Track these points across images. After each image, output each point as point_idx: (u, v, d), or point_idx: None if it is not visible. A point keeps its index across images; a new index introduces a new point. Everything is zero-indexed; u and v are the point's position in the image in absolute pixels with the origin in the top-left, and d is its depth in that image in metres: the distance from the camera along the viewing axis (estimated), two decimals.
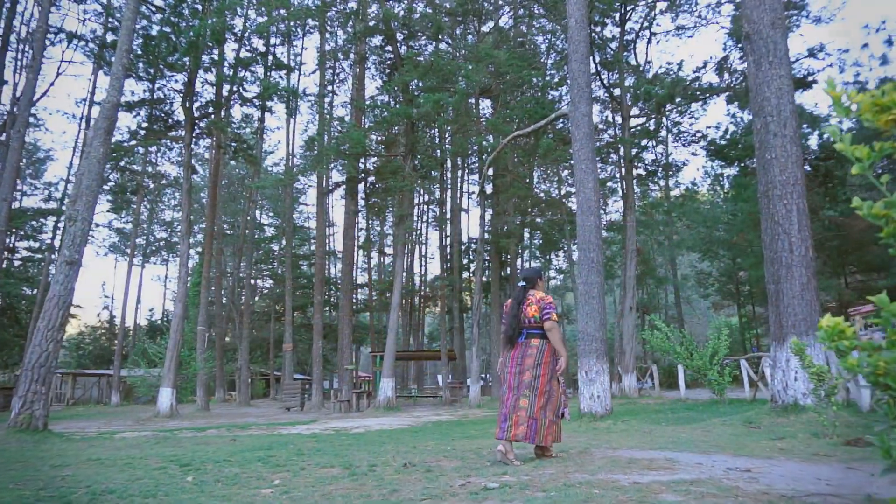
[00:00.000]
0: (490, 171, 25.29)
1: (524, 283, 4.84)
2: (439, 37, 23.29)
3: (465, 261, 34.34)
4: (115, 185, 29.87)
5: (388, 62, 25.74)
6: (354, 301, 38.58)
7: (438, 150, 27.47)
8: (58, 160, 46.16)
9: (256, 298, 47.22)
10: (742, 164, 28.73)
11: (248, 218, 33.82)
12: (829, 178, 26.82)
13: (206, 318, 26.24)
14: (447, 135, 27.81)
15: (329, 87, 28.15)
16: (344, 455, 5.69)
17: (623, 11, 22.72)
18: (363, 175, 24.68)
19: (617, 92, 23.71)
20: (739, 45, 22.61)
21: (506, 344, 4.75)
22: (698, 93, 23.71)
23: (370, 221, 40.53)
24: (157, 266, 54.52)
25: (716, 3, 23.94)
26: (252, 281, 42.45)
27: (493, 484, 3.27)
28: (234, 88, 22.75)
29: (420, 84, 21.75)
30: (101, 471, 5.14)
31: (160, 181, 41.72)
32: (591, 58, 14.29)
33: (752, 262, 27.59)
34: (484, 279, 27.59)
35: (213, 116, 22.41)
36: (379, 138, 26.30)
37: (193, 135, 21.79)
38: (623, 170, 23.89)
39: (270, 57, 25.10)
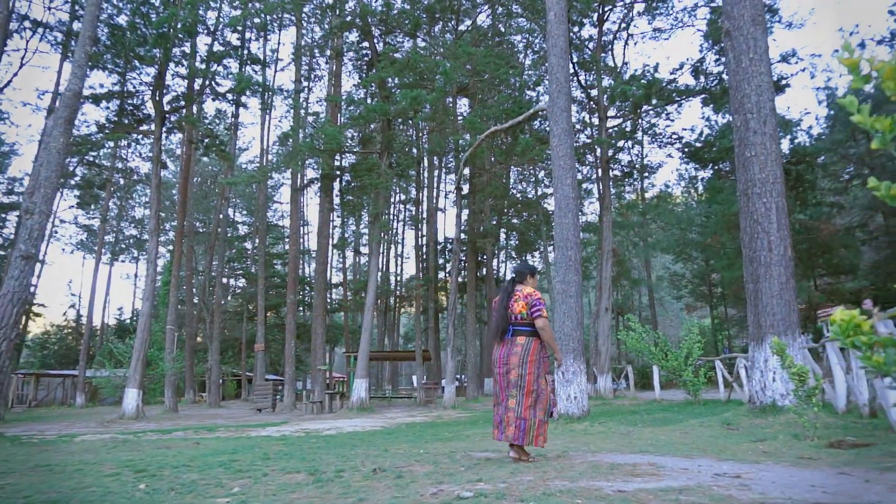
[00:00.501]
0: (466, 171, 25.11)
1: (513, 277, 4.72)
2: (416, 34, 23.04)
3: (440, 260, 34.14)
4: (82, 180, 28.99)
5: (366, 58, 25.41)
6: (329, 301, 38.09)
7: (415, 149, 27.21)
8: (23, 155, 44.57)
9: (229, 298, 46.40)
10: (716, 167, 29.07)
11: (221, 216, 33.11)
12: (799, 182, 27.23)
13: (176, 318, 25.60)
14: (423, 133, 27.59)
15: (305, 84, 27.74)
16: (311, 459, 5.42)
17: (601, 12, 22.74)
18: (338, 172, 24.29)
19: (594, 93, 23.72)
20: (715, 48, 22.79)
21: (493, 338, 4.65)
22: (674, 94, 23.84)
23: (345, 220, 40.09)
24: (127, 264, 53.06)
25: (692, 6, 24.13)
26: (224, 280, 41.67)
27: (468, 493, 3.04)
28: (207, 82, 22.20)
29: (397, 81, 21.47)
30: (48, 478, 4.79)
31: (130, 177, 40.78)
32: (569, 54, 14.10)
33: (725, 263, 27.91)
34: (460, 279, 27.40)
35: (184, 111, 21.83)
36: (354, 135, 25.95)
37: (164, 129, 21.19)
38: (599, 170, 23.91)
39: (244, 51, 24.60)
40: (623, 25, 24.38)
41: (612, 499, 2.66)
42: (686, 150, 26.92)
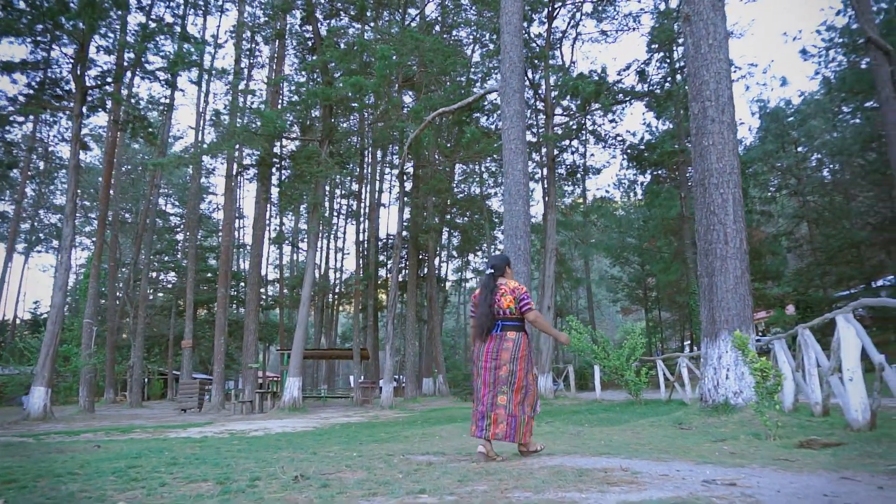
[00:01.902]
0: (409, 169, 24.47)
1: (493, 271, 4.54)
2: (362, 19, 22.23)
3: (381, 257, 33.36)
4: None
5: (310, 43, 24.36)
6: (264, 296, 36.63)
7: (357, 138, 26.33)
8: None
9: (160, 294, 44.08)
10: (655, 172, 29.62)
11: (151, 205, 31.15)
12: None
13: (96, 311, 23.82)
14: (367, 124, 26.75)
15: (245, 69, 26.35)
16: (226, 465, 4.68)
17: (552, 8, 22.63)
18: (276, 160, 23.14)
19: (542, 91, 23.56)
20: (661, 51, 23.04)
21: (479, 336, 4.44)
22: (621, 94, 24.01)
23: (283, 215, 38.64)
24: (45, 255, 49.65)
25: (638, 11, 24.46)
26: (153, 273, 39.46)
27: None
28: (137, 59, 20.62)
29: (341, 74, 20.61)
30: None
31: (51, 161, 38.05)
32: (522, 35, 13.59)
33: (661, 267, 28.41)
34: (400, 278, 26.73)
35: (110, 88, 20.26)
36: (294, 122, 24.84)
37: (85, 107, 19.54)
38: (545, 169, 23.77)
39: (179, 29, 23.07)
40: (572, 23, 24.37)
41: None
42: (629, 151, 27.24)
